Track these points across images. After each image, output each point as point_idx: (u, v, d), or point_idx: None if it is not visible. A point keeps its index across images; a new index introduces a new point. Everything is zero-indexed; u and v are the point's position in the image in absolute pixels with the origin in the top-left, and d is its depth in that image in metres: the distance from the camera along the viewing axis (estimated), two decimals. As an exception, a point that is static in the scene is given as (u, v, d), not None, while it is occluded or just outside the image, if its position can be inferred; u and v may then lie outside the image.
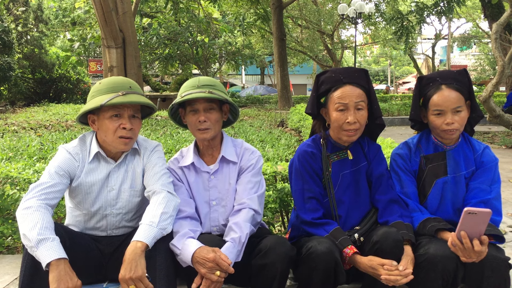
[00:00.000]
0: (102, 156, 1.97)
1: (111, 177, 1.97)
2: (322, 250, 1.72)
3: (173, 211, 1.85)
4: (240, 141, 2.12)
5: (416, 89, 2.06)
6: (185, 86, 2.03)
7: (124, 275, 1.62)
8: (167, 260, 1.77)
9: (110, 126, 1.88)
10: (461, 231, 1.64)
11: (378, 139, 3.70)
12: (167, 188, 1.91)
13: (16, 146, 4.69)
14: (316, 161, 1.99)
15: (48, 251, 1.60)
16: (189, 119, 2.00)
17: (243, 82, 37.52)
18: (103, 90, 1.90)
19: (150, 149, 2.05)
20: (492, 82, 6.93)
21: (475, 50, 37.76)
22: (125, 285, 1.62)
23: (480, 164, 1.99)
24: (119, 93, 1.87)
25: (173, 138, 5.58)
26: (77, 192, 1.94)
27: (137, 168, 2.01)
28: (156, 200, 1.84)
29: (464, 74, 1.99)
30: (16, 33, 17.29)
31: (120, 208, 1.99)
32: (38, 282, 1.65)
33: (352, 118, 1.88)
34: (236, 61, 17.17)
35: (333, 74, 1.95)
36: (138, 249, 1.66)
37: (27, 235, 1.62)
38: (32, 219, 1.66)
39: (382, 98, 17.92)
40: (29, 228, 1.63)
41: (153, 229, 1.73)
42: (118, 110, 1.89)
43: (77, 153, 1.94)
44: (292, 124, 8.09)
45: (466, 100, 1.96)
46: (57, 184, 1.82)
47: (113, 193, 1.97)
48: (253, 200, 1.95)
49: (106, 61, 8.91)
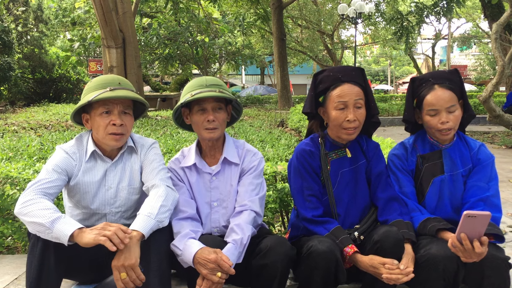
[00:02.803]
0: (99, 155, 1.98)
1: (108, 176, 1.98)
2: (323, 249, 1.72)
3: (172, 205, 1.86)
4: (242, 142, 2.12)
5: (409, 90, 2.07)
6: (192, 85, 2.01)
7: (117, 262, 1.63)
8: (161, 254, 1.76)
9: (101, 123, 1.90)
10: (460, 233, 1.64)
11: (378, 139, 3.71)
12: (166, 182, 1.92)
13: (16, 146, 4.69)
14: (315, 159, 1.99)
15: (66, 225, 1.63)
16: (196, 118, 1.99)
17: (243, 82, 37.53)
18: (92, 88, 1.92)
19: (147, 146, 2.06)
20: (492, 82, 6.94)
21: (475, 50, 37.72)
22: (117, 272, 1.63)
23: (476, 162, 2.00)
24: (107, 89, 1.88)
25: (173, 138, 5.58)
26: (75, 191, 1.95)
27: (135, 166, 2.02)
28: (156, 193, 1.85)
29: (456, 74, 2.01)
30: (16, 33, 17.29)
31: (119, 206, 2.00)
32: (45, 277, 1.66)
33: (352, 116, 1.88)
34: (236, 61, 17.15)
35: (331, 73, 1.96)
36: (134, 238, 1.67)
37: (37, 221, 1.64)
38: (37, 207, 1.68)
39: (382, 98, 17.91)
40: (37, 215, 1.65)
41: (150, 220, 1.73)
42: (108, 106, 1.90)
43: (74, 152, 1.95)
44: (292, 124, 8.08)
45: (459, 99, 1.97)
46: (55, 180, 1.83)
47: (111, 192, 1.98)
48: (255, 202, 1.95)
49: (106, 61, 8.91)
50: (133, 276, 1.63)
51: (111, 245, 1.59)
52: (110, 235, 1.60)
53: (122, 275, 1.62)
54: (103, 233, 1.60)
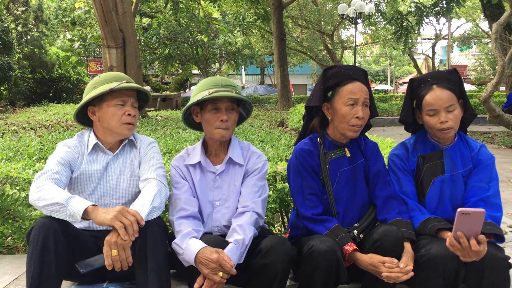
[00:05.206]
0: (100, 148, 2.05)
1: (109, 168, 2.04)
2: (324, 249, 1.72)
3: (164, 198, 1.90)
4: (247, 144, 2.13)
5: (408, 91, 2.08)
6: (207, 83, 2.02)
7: (111, 238, 1.65)
8: (158, 251, 1.76)
9: (117, 113, 1.99)
10: (457, 231, 1.64)
11: (378, 139, 3.72)
12: (161, 179, 1.95)
13: (16, 146, 4.69)
14: (314, 158, 2.00)
15: (80, 202, 1.70)
16: (209, 117, 1.99)
17: (243, 82, 37.53)
18: (106, 80, 2.01)
19: (147, 143, 2.13)
20: (492, 82, 6.94)
21: (475, 50, 37.72)
22: (108, 248, 1.65)
23: (477, 162, 2.00)
24: (124, 81, 2.00)
25: (173, 138, 5.58)
26: (78, 183, 2.00)
27: (134, 160, 2.08)
28: (150, 186, 1.89)
29: (455, 74, 2.01)
30: (16, 33, 17.30)
31: (119, 197, 2.04)
32: (45, 280, 1.66)
33: (361, 114, 1.91)
34: (236, 61, 17.16)
35: (342, 69, 1.98)
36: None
37: (52, 201, 1.69)
38: (50, 190, 1.75)
39: (382, 98, 17.90)
40: (51, 196, 1.71)
41: (146, 208, 1.76)
42: (123, 98, 2.00)
43: (75, 145, 2.03)
44: (292, 124, 8.09)
45: (459, 99, 1.97)
46: (61, 171, 1.90)
47: (111, 183, 2.03)
48: (257, 204, 1.96)
49: (106, 61, 8.91)
50: (123, 255, 1.66)
51: (124, 233, 1.63)
52: (127, 224, 1.64)
53: (113, 252, 1.64)
54: (121, 219, 1.64)
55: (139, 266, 1.76)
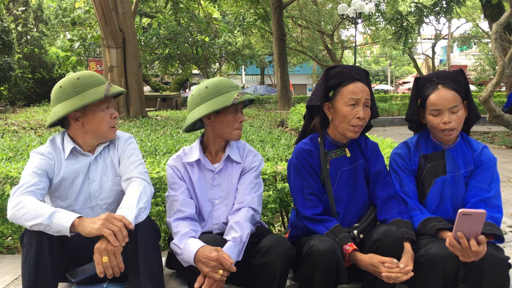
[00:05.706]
0: (78, 151, 1.96)
1: (91, 169, 1.97)
2: (324, 249, 1.72)
3: (150, 196, 1.87)
4: (243, 143, 2.15)
5: (414, 90, 2.07)
6: (224, 86, 1.98)
7: (101, 245, 1.62)
8: (149, 255, 1.74)
9: (105, 117, 1.93)
10: (457, 231, 1.64)
11: (379, 139, 3.72)
12: (143, 176, 1.93)
13: (16, 146, 4.69)
14: (314, 158, 2.00)
15: (64, 217, 1.63)
16: (230, 119, 1.98)
17: (243, 82, 37.51)
18: (89, 84, 1.87)
19: (124, 139, 2.06)
20: (492, 82, 6.94)
21: (475, 50, 37.71)
22: (99, 255, 1.61)
23: (479, 163, 2.00)
24: (107, 84, 1.92)
25: (173, 138, 5.58)
26: (61, 189, 1.93)
27: (114, 158, 2.02)
28: (134, 186, 1.86)
29: (461, 74, 2.00)
30: (16, 33, 17.30)
31: (105, 198, 1.98)
32: (41, 283, 1.65)
33: (362, 114, 1.91)
34: (236, 61, 17.17)
35: (344, 69, 1.98)
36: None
37: (34, 222, 1.63)
38: (29, 208, 1.66)
39: (382, 98, 17.90)
40: (32, 216, 1.64)
41: (133, 210, 1.72)
42: (108, 102, 1.94)
43: (50, 152, 1.93)
44: (292, 124, 8.09)
45: (463, 100, 1.96)
46: (39, 183, 1.81)
47: (95, 185, 1.97)
48: (253, 199, 1.98)
49: (106, 61, 8.92)
50: (114, 261, 1.62)
51: (114, 239, 1.59)
52: (116, 230, 1.60)
53: (104, 258, 1.61)
54: (109, 226, 1.60)
55: (131, 271, 1.74)
